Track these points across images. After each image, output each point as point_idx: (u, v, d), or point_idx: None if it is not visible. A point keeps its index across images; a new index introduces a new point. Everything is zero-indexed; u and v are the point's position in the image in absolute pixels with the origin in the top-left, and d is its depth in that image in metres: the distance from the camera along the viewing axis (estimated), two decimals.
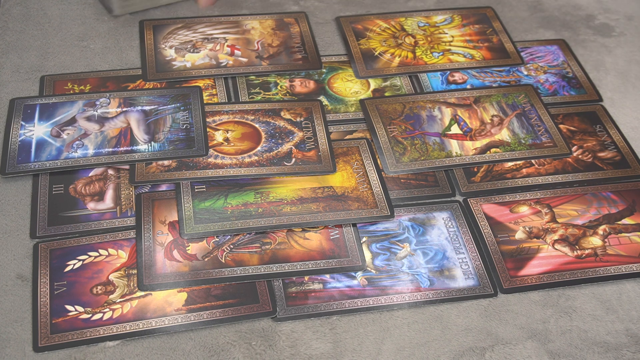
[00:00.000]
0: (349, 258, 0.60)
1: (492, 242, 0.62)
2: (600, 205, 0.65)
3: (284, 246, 0.60)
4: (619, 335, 0.57)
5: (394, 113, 0.72)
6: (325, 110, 0.72)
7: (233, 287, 0.57)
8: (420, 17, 0.84)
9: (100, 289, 0.57)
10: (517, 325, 0.57)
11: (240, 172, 0.65)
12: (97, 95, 0.71)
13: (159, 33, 0.79)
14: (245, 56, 0.77)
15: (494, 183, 0.67)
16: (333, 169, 0.66)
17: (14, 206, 0.62)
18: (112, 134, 0.67)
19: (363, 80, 0.76)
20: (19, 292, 0.56)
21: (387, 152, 0.68)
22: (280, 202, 0.63)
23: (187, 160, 0.65)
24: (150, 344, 0.54)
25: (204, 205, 0.62)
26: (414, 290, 0.58)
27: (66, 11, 0.82)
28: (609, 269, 0.61)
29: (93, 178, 0.64)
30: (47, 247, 0.59)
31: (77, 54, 0.77)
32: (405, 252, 0.61)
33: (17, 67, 0.74)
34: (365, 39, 0.80)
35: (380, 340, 0.55)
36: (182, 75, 0.74)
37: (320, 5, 0.85)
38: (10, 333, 0.54)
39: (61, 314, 0.55)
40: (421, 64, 0.77)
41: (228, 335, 0.55)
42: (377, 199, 0.64)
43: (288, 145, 0.68)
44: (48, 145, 0.66)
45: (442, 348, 0.55)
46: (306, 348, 0.55)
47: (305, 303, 0.57)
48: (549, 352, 0.55)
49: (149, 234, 0.60)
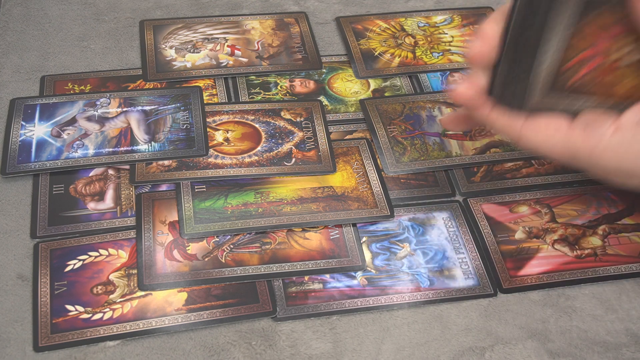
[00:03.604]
0: (349, 258, 0.60)
1: (492, 242, 0.62)
2: (600, 205, 0.65)
3: (284, 246, 0.60)
4: (618, 335, 0.57)
5: (394, 113, 0.72)
6: (325, 110, 0.72)
7: (233, 287, 0.57)
8: (420, 17, 0.84)
9: (101, 289, 0.57)
10: (517, 325, 0.57)
11: (241, 172, 0.65)
12: (98, 95, 0.71)
13: (159, 33, 0.79)
14: (245, 56, 0.77)
15: (494, 183, 0.67)
16: (333, 169, 0.66)
17: (15, 206, 0.62)
18: (113, 134, 0.67)
19: (363, 81, 0.76)
20: (19, 292, 0.57)
21: (387, 152, 0.68)
22: (280, 202, 0.63)
23: (187, 160, 0.65)
24: (150, 343, 0.54)
25: (204, 205, 0.62)
26: (414, 290, 0.59)
27: (66, 11, 0.82)
28: (608, 269, 0.61)
29: (93, 178, 0.64)
30: (48, 247, 0.59)
31: (77, 54, 0.77)
32: (405, 252, 0.61)
33: (17, 67, 0.75)
34: (365, 39, 0.80)
35: (380, 340, 0.55)
36: (183, 76, 0.74)
37: (320, 5, 0.85)
38: (10, 333, 0.54)
39: (61, 314, 0.55)
40: (421, 64, 0.77)
41: (228, 335, 0.55)
42: (377, 199, 0.64)
43: (288, 145, 0.68)
44: (48, 145, 0.66)
45: (442, 348, 0.55)
46: (306, 348, 0.55)
47: (305, 303, 0.57)
48: (548, 351, 0.55)
49: (149, 234, 0.60)
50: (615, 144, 0.45)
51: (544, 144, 0.47)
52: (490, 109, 0.49)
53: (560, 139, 0.47)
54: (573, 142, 0.46)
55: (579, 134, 0.46)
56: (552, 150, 0.47)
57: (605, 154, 0.45)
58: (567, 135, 0.46)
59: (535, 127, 0.47)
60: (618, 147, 0.45)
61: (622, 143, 0.45)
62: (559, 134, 0.47)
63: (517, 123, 0.48)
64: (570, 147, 0.46)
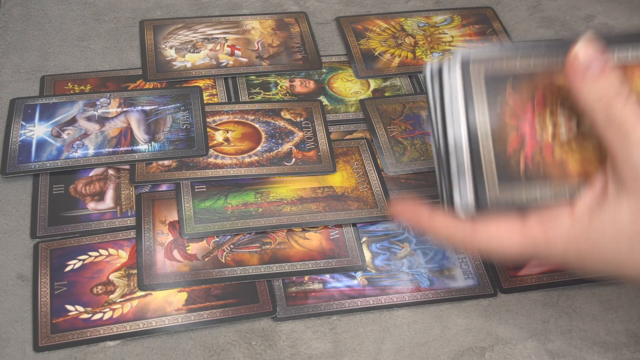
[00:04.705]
0: (349, 258, 0.60)
1: None
2: None
3: (284, 246, 0.60)
4: (618, 335, 0.57)
5: (394, 113, 0.72)
6: (325, 110, 0.72)
7: (233, 287, 0.57)
8: (420, 17, 0.84)
9: (101, 289, 0.57)
10: (517, 325, 0.57)
11: (241, 172, 0.65)
12: (98, 95, 0.71)
13: (159, 33, 0.79)
14: (245, 56, 0.77)
15: None
16: (333, 169, 0.66)
17: (15, 206, 0.62)
18: (113, 134, 0.67)
19: (363, 81, 0.76)
20: (19, 292, 0.57)
21: (387, 152, 0.68)
22: (280, 202, 0.63)
23: (187, 160, 0.65)
24: (150, 343, 0.54)
25: (204, 205, 0.62)
26: (414, 290, 0.59)
27: (66, 11, 0.82)
28: None
29: (93, 178, 0.64)
30: (48, 247, 0.59)
31: (77, 54, 0.77)
32: (405, 252, 0.61)
33: (17, 67, 0.75)
34: (365, 39, 0.80)
35: (380, 339, 0.55)
36: (183, 76, 0.74)
37: (320, 5, 0.85)
38: (10, 333, 0.54)
39: (61, 314, 0.55)
40: (421, 64, 0.77)
41: (228, 335, 0.55)
42: (377, 199, 0.64)
43: (288, 145, 0.68)
44: (48, 145, 0.66)
45: (442, 348, 0.55)
46: (306, 348, 0.55)
47: (305, 303, 0.57)
48: (548, 351, 0.55)
49: (149, 234, 0.60)
50: (574, 236, 0.43)
51: (498, 246, 0.45)
52: (430, 218, 0.47)
53: (517, 240, 0.45)
54: (532, 240, 0.44)
55: (536, 229, 0.44)
56: (509, 251, 0.45)
57: (565, 246, 0.44)
58: (523, 235, 0.45)
59: (485, 232, 0.45)
60: (576, 239, 0.43)
61: (581, 234, 0.43)
62: (513, 235, 0.45)
63: (464, 230, 0.46)
64: (529, 245, 0.45)
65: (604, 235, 0.42)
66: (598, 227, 0.43)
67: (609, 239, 0.42)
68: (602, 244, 0.43)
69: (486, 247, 0.46)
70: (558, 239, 0.44)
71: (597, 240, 0.43)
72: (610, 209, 0.42)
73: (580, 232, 0.43)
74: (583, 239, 0.43)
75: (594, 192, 0.44)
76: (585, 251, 0.44)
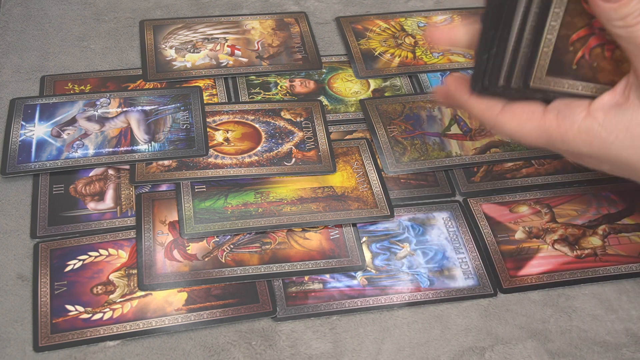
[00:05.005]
0: (349, 258, 0.60)
1: (491, 242, 0.62)
2: (600, 205, 0.65)
3: (284, 246, 0.60)
4: (618, 335, 0.57)
5: (394, 113, 0.72)
6: (325, 110, 0.72)
7: (233, 287, 0.57)
8: (420, 17, 0.84)
9: (101, 289, 0.57)
10: (517, 325, 0.57)
11: (241, 172, 0.65)
12: (98, 95, 0.71)
13: (159, 33, 0.79)
14: (245, 56, 0.77)
15: (494, 183, 0.67)
16: (333, 169, 0.66)
17: (15, 206, 0.62)
18: (113, 134, 0.67)
19: (363, 81, 0.76)
20: (19, 292, 0.57)
21: (387, 152, 0.68)
22: (280, 202, 0.63)
23: (187, 160, 0.65)
24: (150, 343, 0.54)
25: (204, 205, 0.62)
26: (414, 290, 0.59)
27: (66, 11, 0.82)
28: (608, 269, 0.61)
29: (93, 178, 0.64)
30: (48, 247, 0.59)
31: (77, 54, 0.77)
32: (405, 252, 0.61)
33: (17, 67, 0.75)
34: (365, 39, 0.80)
35: (380, 340, 0.55)
36: (183, 76, 0.74)
37: (320, 5, 0.85)
38: (10, 333, 0.54)
39: (61, 314, 0.55)
40: (421, 64, 0.78)
41: (228, 335, 0.55)
42: (377, 199, 0.64)
43: (288, 145, 0.68)
44: (48, 145, 0.66)
45: (442, 348, 0.55)
46: (306, 348, 0.55)
47: (305, 303, 0.57)
48: (548, 351, 0.55)
49: (149, 234, 0.60)
50: (585, 129, 0.45)
51: (518, 129, 0.48)
52: (469, 95, 0.49)
53: (535, 125, 0.47)
54: (546, 128, 0.47)
55: (552, 119, 0.47)
56: (526, 136, 0.48)
57: (576, 139, 0.46)
58: (541, 121, 0.47)
59: (510, 113, 0.48)
60: (587, 132, 0.45)
61: (592, 129, 0.45)
62: (533, 120, 0.47)
63: (494, 110, 0.48)
64: (544, 132, 0.47)
65: (618, 137, 0.44)
66: (612, 126, 0.44)
67: (624, 141, 0.44)
68: (616, 145, 0.45)
69: (507, 128, 0.48)
70: (569, 131, 0.46)
71: (609, 139, 0.45)
72: (629, 112, 0.44)
73: (591, 127, 0.45)
74: (594, 134, 0.45)
75: (614, 94, 0.45)
76: (599, 148, 0.45)
